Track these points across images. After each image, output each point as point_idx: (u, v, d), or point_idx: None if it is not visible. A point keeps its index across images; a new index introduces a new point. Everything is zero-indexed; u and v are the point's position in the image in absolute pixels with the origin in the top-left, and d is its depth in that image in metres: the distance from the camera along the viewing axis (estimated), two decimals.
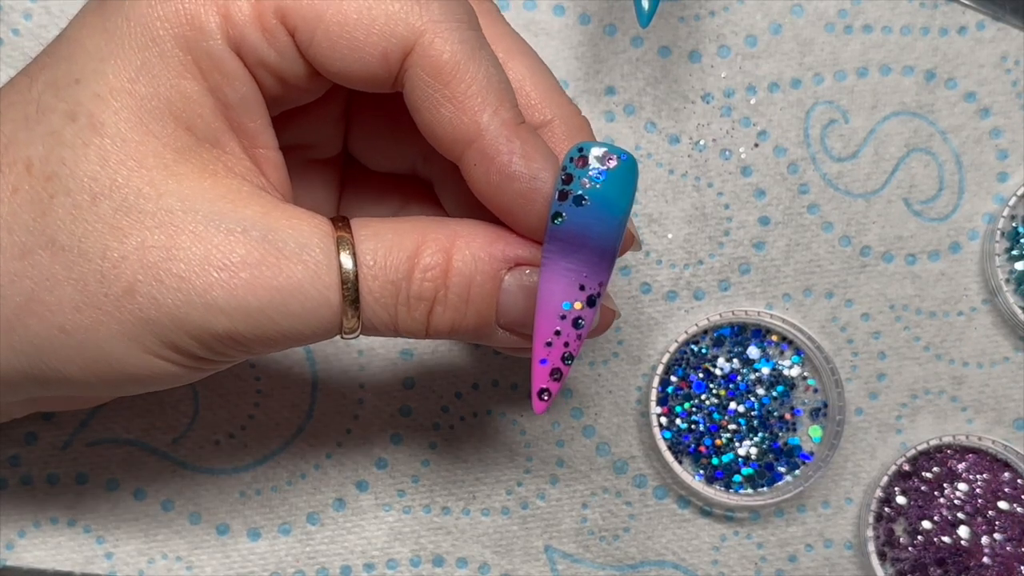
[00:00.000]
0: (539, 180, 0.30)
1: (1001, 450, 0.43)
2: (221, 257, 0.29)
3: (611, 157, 0.30)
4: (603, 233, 0.30)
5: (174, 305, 0.29)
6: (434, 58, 0.30)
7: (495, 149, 0.30)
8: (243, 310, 0.29)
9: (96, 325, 0.30)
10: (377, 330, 0.31)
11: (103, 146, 0.30)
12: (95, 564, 0.42)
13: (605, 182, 0.30)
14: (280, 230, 0.30)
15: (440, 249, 0.31)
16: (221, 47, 0.30)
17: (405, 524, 0.43)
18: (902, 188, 0.43)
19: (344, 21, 0.29)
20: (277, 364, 0.42)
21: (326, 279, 0.30)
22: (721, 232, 0.43)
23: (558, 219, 0.30)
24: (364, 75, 0.30)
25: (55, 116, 0.30)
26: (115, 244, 0.29)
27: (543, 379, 0.32)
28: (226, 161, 0.31)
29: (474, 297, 0.31)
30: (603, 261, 0.30)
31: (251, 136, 0.31)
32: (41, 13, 0.41)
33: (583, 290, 0.31)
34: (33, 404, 0.36)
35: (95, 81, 0.30)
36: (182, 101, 0.30)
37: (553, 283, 0.31)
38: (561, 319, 0.31)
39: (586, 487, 0.43)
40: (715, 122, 0.43)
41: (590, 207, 0.30)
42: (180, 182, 0.30)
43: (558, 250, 0.30)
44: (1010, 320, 0.43)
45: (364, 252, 0.30)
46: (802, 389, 0.43)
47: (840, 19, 0.43)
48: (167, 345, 0.30)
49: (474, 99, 0.30)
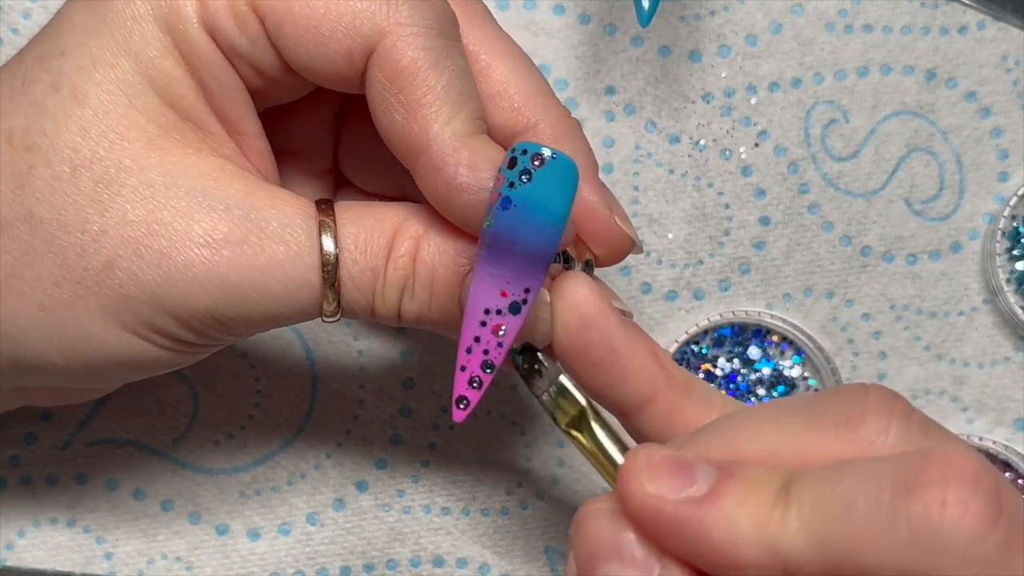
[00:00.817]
0: (487, 191, 0.29)
1: (1001, 450, 0.43)
2: (203, 234, 0.29)
3: (538, 157, 0.28)
4: (530, 238, 0.28)
5: (153, 281, 0.29)
6: (394, 61, 0.29)
7: (442, 160, 0.29)
8: (223, 288, 0.29)
9: (75, 300, 0.29)
10: (356, 314, 0.31)
11: (84, 117, 0.29)
12: (95, 564, 0.42)
13: (533, 184, 0.28)
14: (263, 209, 0.30)
15: (411, 237, 0.30)
16: (197, 31, 0.30)
17: (405, 524, 0.43)
18: (903, 188, 0.43)
19: (311, 15, 0.29)
20: (277, 364, 0.42)
21: (307, 260, 0.30)
22: (721, 232, 0.43)
23: (487, 222, 0.29)
24: (329, 72, 0.30)
25: (39, 87, 0.30)
26: (95, 217, 0.29)
27: (462, 387, 0.30)
28: (211, 142, 0.31)
29: (436, 289, 0.31)
30: (531, 267, 0.29)
31: (233, 123, 0.31)
32: (40, 12, 0.41)
33: (505, 297, 0.29)
34: (22, 396, 0.35)
35: (79, 53, 0.30)
36: (165, 79, 0.30)
37: (477, 288, 0.29)
38: (482, 326, 0.30)
39: (586, 488, 0.43)
40: (715, 122, 0.43)
41: (516, 210, 0.28)
42: (163, 157, 0.30)
43: (486, 255, 0.29)
44: (1011, 320, 0.43)
45: (346, 236, 0.30)
46: (803, 389, 0.43)
47: (840, 19, 0.43)
48: (147, 324, 0.30)
49: (428, 107, 0.29)
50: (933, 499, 0.22)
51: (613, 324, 0.30)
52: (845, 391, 0.26)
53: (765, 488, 0.24)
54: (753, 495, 0.24)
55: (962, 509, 0.22)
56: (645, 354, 0.30)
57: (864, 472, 0.24)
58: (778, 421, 0.26)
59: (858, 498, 0.23)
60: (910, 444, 0.25)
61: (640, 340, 0.31)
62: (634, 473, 0.25)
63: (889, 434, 0.25)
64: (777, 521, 0.24)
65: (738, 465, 0.25)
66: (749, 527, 0.24)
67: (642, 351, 0.30)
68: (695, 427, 0.29)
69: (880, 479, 0.23)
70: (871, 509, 0.23)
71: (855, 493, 0.23)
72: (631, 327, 0.31)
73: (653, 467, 0.25)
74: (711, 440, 0.27)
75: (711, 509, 0.24)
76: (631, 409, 0.30)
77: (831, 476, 0.24)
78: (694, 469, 0.25)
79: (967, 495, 0.22)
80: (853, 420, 0.25)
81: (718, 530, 0.24)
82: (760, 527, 0.24)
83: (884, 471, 0.23)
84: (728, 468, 0.25)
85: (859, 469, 0.24)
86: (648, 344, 0.31)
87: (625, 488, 0.25)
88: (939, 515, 0.22)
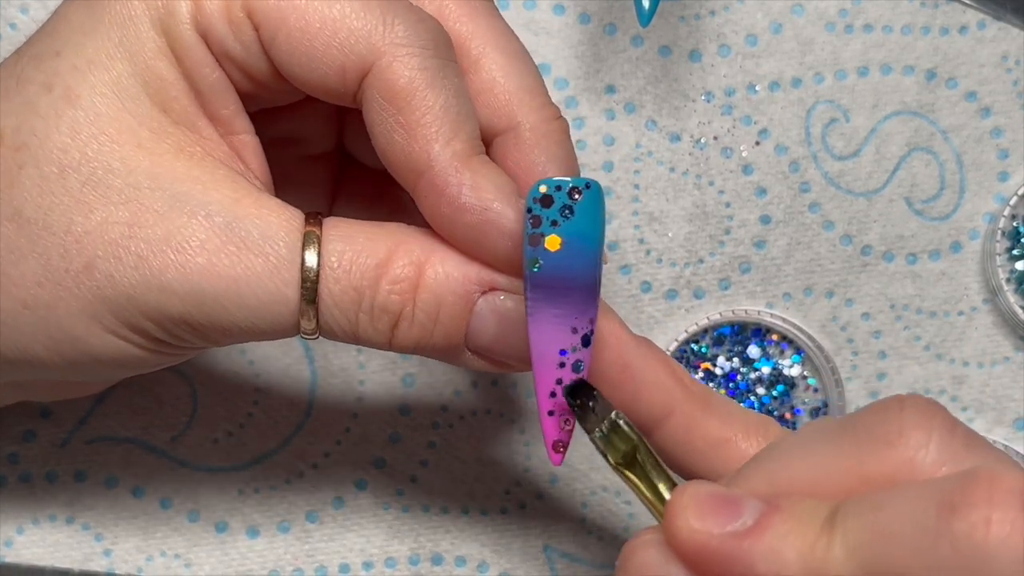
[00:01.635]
0: (491, 211, 0.29)
1: (1001, 450, 0.43)
2: (180, 239, 0.29)
3: (576, 190, 0.28)
4: (584, 270, 0.29)
5: (129, 284, 0.29)
6: (390, 82, 0.29)
7: (444, 181, 0.29)
8: (196, 295, 0.29)
9: (56, 301, 0.29)
10: (336, 335, 0.30)
11: (76, 118, 0.29)
12: (93, 561, 0.42)
13: (576, 218, 0.28)
14: (247, 219, 0.29)
15: (412, 262, 0.30)
16: (190, 32, 0.29)
17: (404, 523, 0.43)
18: (903, 187, 0.43)
19: (306, 28, 0.29)
20: (276, 362, 0.42)
21: (286, 275, 0.29)
22: (722, 231, 0.43)
23: (535, 265, 0.29)
24: (321, 86, 0.30)
25: (32, 87, 0.30)
26: (80, 219, 0.29)
27: (555, 431, 0.31)
28: (203, 145, 0.30)
29: (443, 318, 0.30)
30: (590, 297, 0.29)
31: (225, 123, 0.31)
32: (38, 8, 0.41)
33: (576, 332, 0.30)
34: (17, 391, 0.35)
35: (74, 54, 0.30)
36: (158, 82, 0.30)
37: (544, 332, 0.29)
38: (560, 367, 0.30)
39: (585, 486, 0.43)
40: (716, 120, 0.43)
41: (566, 247, 0.28)
42: (153, 160, 0.29)
43: (543, 296, 0.29)
44: (1011, 320, 0.43)
45: (330, 252, 0.29)
46: (802, 388, 0.43)
47: (841, 18, 0.43)
48: (126, 325, 0.29)
49: (427, 128, 0.29)
50: (978, 519, 0.22)
51: (624, 342, 0.30)
52: (881, 406, 0.26)
53: (810, 519, 0.24)
54: (798, 526, 0.24)
55: (1008, 528, 0.22)
56: (659, 369, 0.30)
57: (908, 496, 0.23)
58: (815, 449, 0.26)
59: (902, 521, 0.23)
60: (953, 458, 0.24)
61: (654, 356, 0.31)
62: (679, 509, 0.25)
63: (930, 448, 0.24)
64: (822, 550, 0.23)
65: (785, 498, 0.25)
66: (794, 557, 0.23)
67: (656, 367, 0.30)
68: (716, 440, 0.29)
69: (924, 501, 0.23)
70: (915, 532, 0.22)
71: (899, 517, 0.23)
72: (644, 343, 0.31)
73: (699, 503, 0.25)
74: (754, 475, 0.26)
75: (756, 542, 0.24)
76: (650, 425, 0.30)
77: (875, 502, 0.23)
78: (740, 504, 0.25)
79: (1013, 514, 0.22)
80: (891, 436, 0.25)
81: (764, 562, 0.24)
82: (805, 557, 0.23)
83: (928, 493, 0.23)
84: (775, 502, 0.25)
85: (903, 493, 0.23)
86: (662, 359, 0.31)
87: (671, 524, 0.25)
88: (984, 535, 0.22)
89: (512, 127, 0.32)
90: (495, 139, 0.32)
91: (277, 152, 0.33)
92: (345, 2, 0.29)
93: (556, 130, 0.32)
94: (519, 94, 0.32)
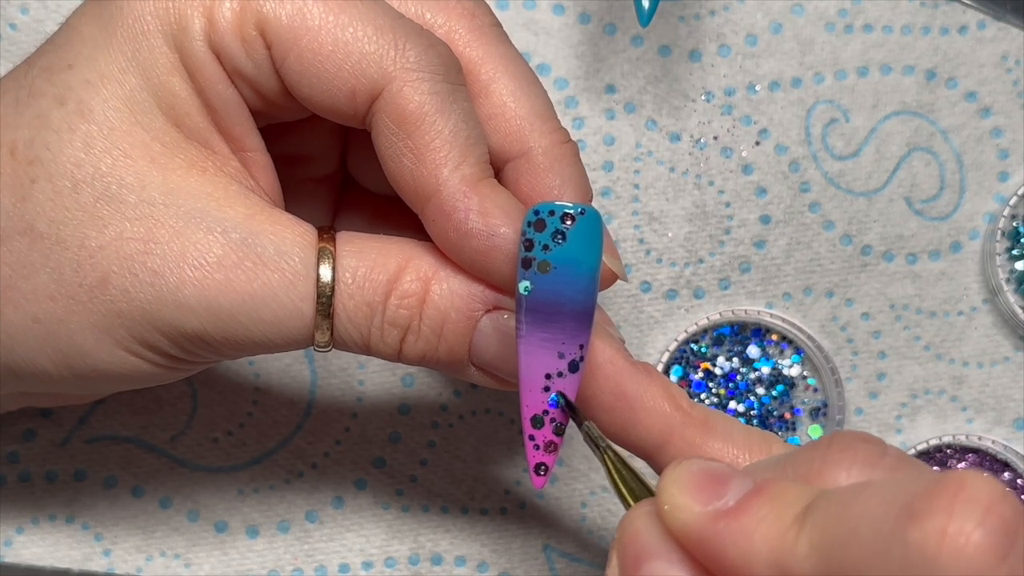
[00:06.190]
0: (498, 237, 0.29)
1: (1001, 450, 0.43)
2: (197, 255, 0.29)
3: (568, 216, 0.28)
4: (575, 296, 0.29)
5: (145, 300, 0.29)
6: (401, 106, 0.29)
7: (451, 205, 0.29)
8: (213, 311, 0.29)
9: (69, 316, 0.29)
10: (349, 348, 0.31)
11: (89, 132, 0.29)
12: (93, 561, 0.42)
13: (568, 244, 0.28)
14: (262, 234, 0.29)
15: (420, 278, 0.30)
16: (203, 49, 0.29)
17: (404, 522, 0.43)
18: (903, 187, 0.43)
19: (318, 50, 0.29)
20: (276, 362, 0.42)
21: (301, 290, 0.29)
22: (722, 230, 0.43)
23: (526, 289, 0.29)
24: (330, 106, 0.30)
25: (44, 100, 0.30)
26: (94, 234, 0.29)
27: (537, 455, 0.31)
28: (215, 160, 0.30)
29: (447, 333, 0.30)
30: (581, 323, 0.29)
31: (237, 139, 0.31)
32: (38, 8, 0.41)
33: (563, 358, 0.30)
34: (24, 398, 0.35)
35: (87, 67, 0.30)
36: (171, 97, 0.30)
37: (532, 356, 0.30)
38: (545, 391, 0.30)
39: (585, 486, 0.43)
40: (716, 120, 0.43)
41: (556, 272, 0.29)
42: (166, 175, 0.29)
43: (532, 320, 0.29)
44: (1010, 320, 0.43)
45: (344, 268, 0.30)
46: (802, 388, 0.43)
47: (840, 18, 0.43)
48: (138, 341, 0.30)
49: (436, 152, 0.29)
50: (932, 528, 0.21)
51: (621, 370, 0.30)
52: (812, 444, 0.26)
53: (790, 505, 0.23)
54: (773, 513, 0.23)
55: (963, 541, 0.20)
56: (656, 395, 0.30)
57: (875, 494, 0.22)
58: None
59: (864, 522, 0.22)
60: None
61: (651, 382, 0.31)
62: (669, 483, 0.25)
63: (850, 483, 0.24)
64: (791, 542, 0.23)
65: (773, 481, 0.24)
66: (762, 547, 0.23)
67: (652, 392, 0.30)
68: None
69: (887, 504, 0.22)
70: (873, 535, 0.22)
71: (862, 516, 0.22)
72: (641, 368, 0.31)
73: (690, 477, 0.24)
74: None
75: (730, 523, 0.23)
76: (649, 451, 0.31)
77: (844, 498, 0.23)
78: (727, 483, 0.24)
79: (971, 527, 0.20)
80: (811, 475, 0.25)
81: (734, 548, 0.23)
82: (774, 548, 0.23)
83: (894, 495, 0.22)
84: (761, 484, 0.24)
85: (872, 491, 0.22)
86: (659, 384, 0.31)
87: (659, 496, 0.25)
88: (936, 546, 0.20)
89: (524, 152, 0.32)
90: (507, 164, 0.32)
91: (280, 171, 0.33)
92: (358, 25, 0.29)
93: (568, 152, 0.32)
94: (530, 119, 0.32)
